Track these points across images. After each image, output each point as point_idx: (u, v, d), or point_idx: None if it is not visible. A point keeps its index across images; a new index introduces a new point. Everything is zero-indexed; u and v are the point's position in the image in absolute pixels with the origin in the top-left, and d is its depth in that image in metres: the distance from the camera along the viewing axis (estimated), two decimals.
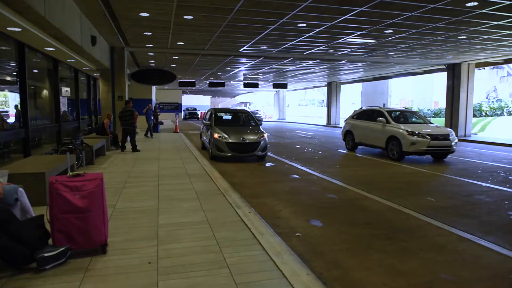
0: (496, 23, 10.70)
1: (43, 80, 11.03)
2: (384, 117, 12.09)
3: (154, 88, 29.76)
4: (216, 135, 10.73)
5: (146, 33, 12.32)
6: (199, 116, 46.89)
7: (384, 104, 33.33)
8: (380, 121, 12.04)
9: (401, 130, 11.16)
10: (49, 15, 6.57)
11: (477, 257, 4.08)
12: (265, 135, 11.10)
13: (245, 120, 12.81)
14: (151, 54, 17.02)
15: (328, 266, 3.75)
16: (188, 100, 54.83)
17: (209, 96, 61.10)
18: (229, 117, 13.24)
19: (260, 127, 11.82)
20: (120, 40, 13.23)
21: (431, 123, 12.30)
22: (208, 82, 30.97)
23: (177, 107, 41.09)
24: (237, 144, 10.54)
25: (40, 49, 9.52)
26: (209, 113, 13.17)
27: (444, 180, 8.57)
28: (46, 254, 3.25)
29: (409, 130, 11.00)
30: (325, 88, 34.84)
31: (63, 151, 8.18)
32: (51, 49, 9.42)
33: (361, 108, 14.76)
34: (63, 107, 12.90)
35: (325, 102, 35.91)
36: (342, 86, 33.65)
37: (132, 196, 6.10)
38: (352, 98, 52.22)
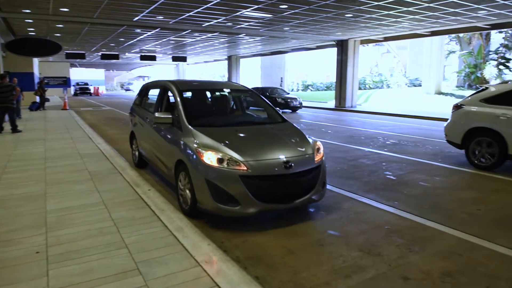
0: (377, 3, 11.77)
1: None
2: None
3: (36, 60, 26.48)
4: (211, 158, 4.00)
5: None
6: (92, 91, 43.32)
7: (281, 78, 34.78)
8: None
9: None
10: None
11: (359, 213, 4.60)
12: (320, 145, 4.67)
13: (248, 108, 6.52)
14: (30, 21, 15.00)
15: (229, 236, 3.87)
16: (79, 74, 50.11)
17: (103, 70, 56.66)
18: (213, 102, 5.98)
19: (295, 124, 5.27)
20: None
21: None
22: (100, 54, 28.64)
23: (65, 82, 37.35)
24: (273, 180, 4.03)
25: None
26: (158, 91, 5.91)
27: None
28: None
29: None
30: (226, 62, 34.89)
31: None
32: None
33: (506, 81, 6.65)
34: None
35: (226, 76, 36.00)
36: (241, 60, 34.06)
37: (14, 182, 5.47)
38: (251, 72, 53.27)
